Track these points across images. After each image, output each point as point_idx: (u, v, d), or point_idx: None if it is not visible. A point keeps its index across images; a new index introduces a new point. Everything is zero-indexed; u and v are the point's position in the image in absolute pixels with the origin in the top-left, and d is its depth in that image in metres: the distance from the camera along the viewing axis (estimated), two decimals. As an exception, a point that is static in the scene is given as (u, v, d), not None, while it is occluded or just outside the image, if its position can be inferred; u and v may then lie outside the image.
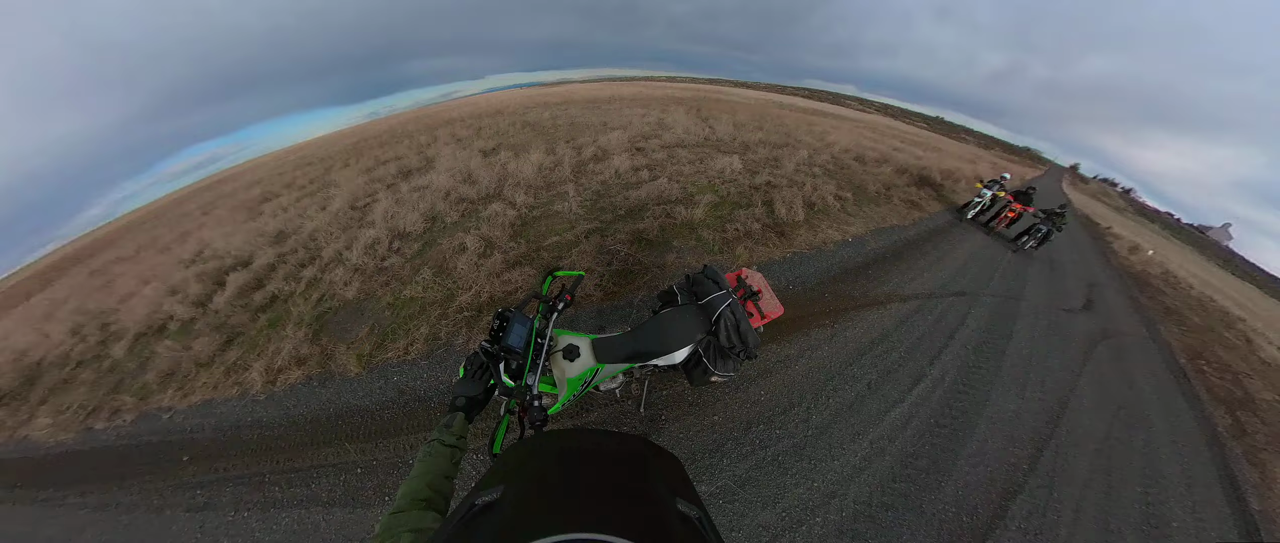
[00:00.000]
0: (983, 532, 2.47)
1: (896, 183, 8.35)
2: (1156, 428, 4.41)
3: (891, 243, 5.47)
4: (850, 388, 2.93)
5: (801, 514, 2.20)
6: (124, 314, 4.95)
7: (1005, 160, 28.65)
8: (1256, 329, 13.15)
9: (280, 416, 3.06)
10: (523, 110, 13.05)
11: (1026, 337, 4.65)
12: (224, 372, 3.54)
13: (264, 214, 7.17)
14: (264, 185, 9.99)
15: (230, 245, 5.93)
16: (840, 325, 3.47)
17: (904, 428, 2.82)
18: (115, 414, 3.56)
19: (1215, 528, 3.58)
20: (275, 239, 5.73)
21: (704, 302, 1.73)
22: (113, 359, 4.29)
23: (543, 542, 0.35)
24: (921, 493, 2.50)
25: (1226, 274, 32.34)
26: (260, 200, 8.45)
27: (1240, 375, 7.56)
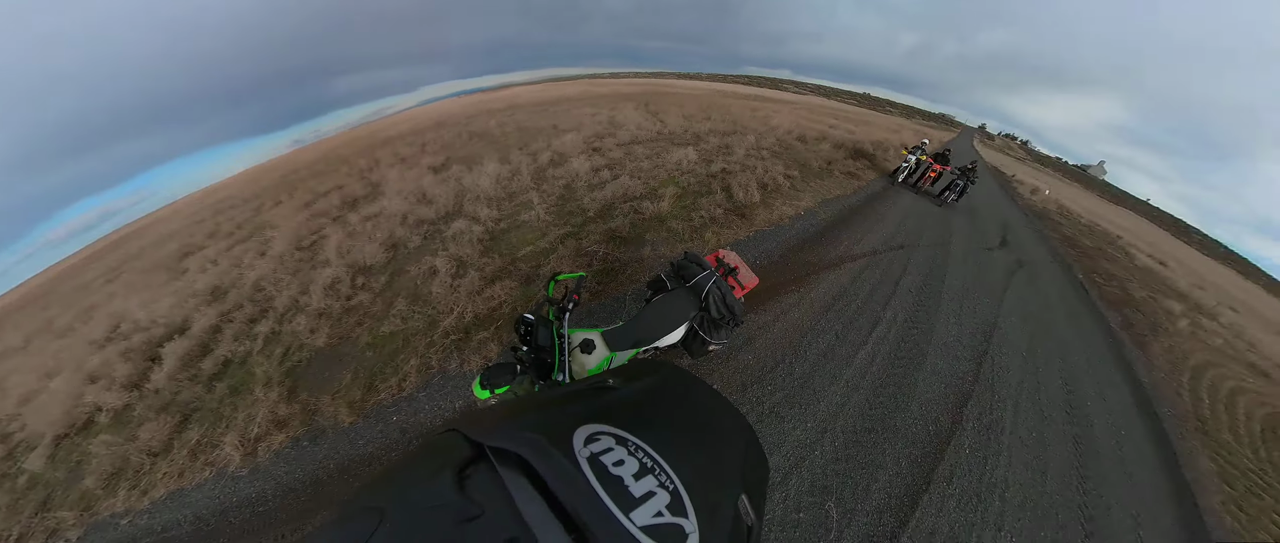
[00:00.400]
0: (947, 435, 2.93)
1: (836, 157, 9.23)
2: (1066, 331, 5.32)
3: (838, 211, 6.11)
4: (822, 340, 3.33)
5: (803, 452, 2.51)
6: (32, 418, 4.23)
7: (925, 127, 32.17)
8: (1131, 243, 15.93)
9: (272, 486, 2.80)
10: (467, 120, 12.79)
11: (958, 275, 5.42)
12: (188, 455, 3.17)
13: (189, 271, 6.49)
14: (181, 238, 8.97)
15: (155, 313, 5.32)
16: (805, 289, 3.89)
17: (871, 365, 3.26)
18: (53, 536, 3.02)
19: (1117, 401, 4.41)
20: (212, 297, 5.24)
21: (691, 283, 1.99)
22: (30, 473, 3.62)
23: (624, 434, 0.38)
24: (894, 414, 2.92)
25: (1105, 202, 38.59)
26: (180, 256, 7.62)
27: (1123, 281, 9.19)
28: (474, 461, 0.35)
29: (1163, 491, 3.43)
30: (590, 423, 0.39)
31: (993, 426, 3.18)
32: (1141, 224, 33.77)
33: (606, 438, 0.38)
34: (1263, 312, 17.72)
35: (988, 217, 9.89)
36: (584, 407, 0.42)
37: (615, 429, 0.39)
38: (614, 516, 0.31)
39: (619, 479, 0.34)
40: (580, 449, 0.36)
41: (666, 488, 0.35)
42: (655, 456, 0.38)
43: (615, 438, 0.38)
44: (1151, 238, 25.38)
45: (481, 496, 0.31)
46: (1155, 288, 10.04)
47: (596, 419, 0.40)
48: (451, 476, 0.33)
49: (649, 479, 0.35)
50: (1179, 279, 12.92)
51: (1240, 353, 8.08)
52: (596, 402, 0.45)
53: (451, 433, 0.39)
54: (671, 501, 0.35)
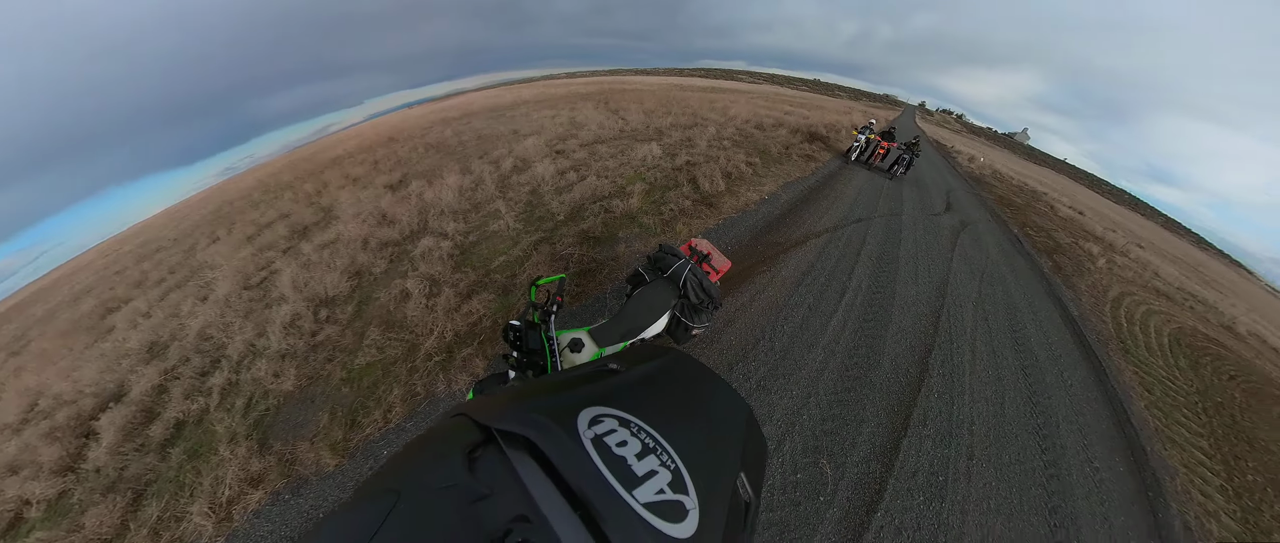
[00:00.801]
0: (917, 383, 3.23)
1: (793, 142, 9.74)
2: (1008, 280, 5.94)
3: (799, 193, 6.47)
4: (796, 313, 3.55)
5: (792, 418, 2.69)
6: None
7: (872, 108, 34.42)
8: (1055, 198, 17.85)
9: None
10: (421, 132, 12.29)
11: (911, 240, 5.91)
12: (148, 534, 2.85)
13: (116, 329, 5.84)
14: (100, 292, 8.01)
15: (81, 382, 4.73)
16: (776, 268, 4.12)
17: (843, 330, 3.52)
18: None
19: (1055, 332, 4.98)
20: (150, 355, 4.75)
21: (668, 273, 2.09)
22: None
23: (627, 416, 0.39)
24: (868, 372, 3.18)
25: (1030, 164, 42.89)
26: (102, 313, 6.82)
27: (1050, 231, 10.31)
28: (482, 444, 0.35)
29: (1099, 402, 3.94)
30: (594, 406, 0.40)
31: (955, 370, 3.52)
32: (1061, 180, 37.91)
33: (610, 420, 0.39)
34: (1161, 245, 20.51)
35: (933, 185, 10.80)
36: (588, 390, 0.44)
37: (618, 411, 0.40)
38: (618, 493, 0.32)
39: (622, 459, 0.35)
40: (584, 431, 0.36)
41: (668, 467, 0.36)
42: (657, 436, 0.39)
43: (618, 420, 0.39)
44: (1070, 192, 28.59)
45: (490, 476, 0.32)
46: (1077, 234, 11.36)
47: (600, 402, 0.41)
48: (461, 458, 0.33)
49: (651, 459, 0.36)
50: (1094, 225, 14.69)
51: (1148, 282, 9.34)
52: (600, 385, 0.46)
53: (459, 417, 0.40)
54: (673, 479, 0.36)
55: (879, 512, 2.29)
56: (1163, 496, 3.11)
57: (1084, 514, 2.67)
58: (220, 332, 4.56)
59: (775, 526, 2.17)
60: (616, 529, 0.30)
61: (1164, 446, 3.75)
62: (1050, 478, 2.86)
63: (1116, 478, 3.10)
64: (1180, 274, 13.18)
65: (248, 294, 5.08)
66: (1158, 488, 3.16)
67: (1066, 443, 3.25)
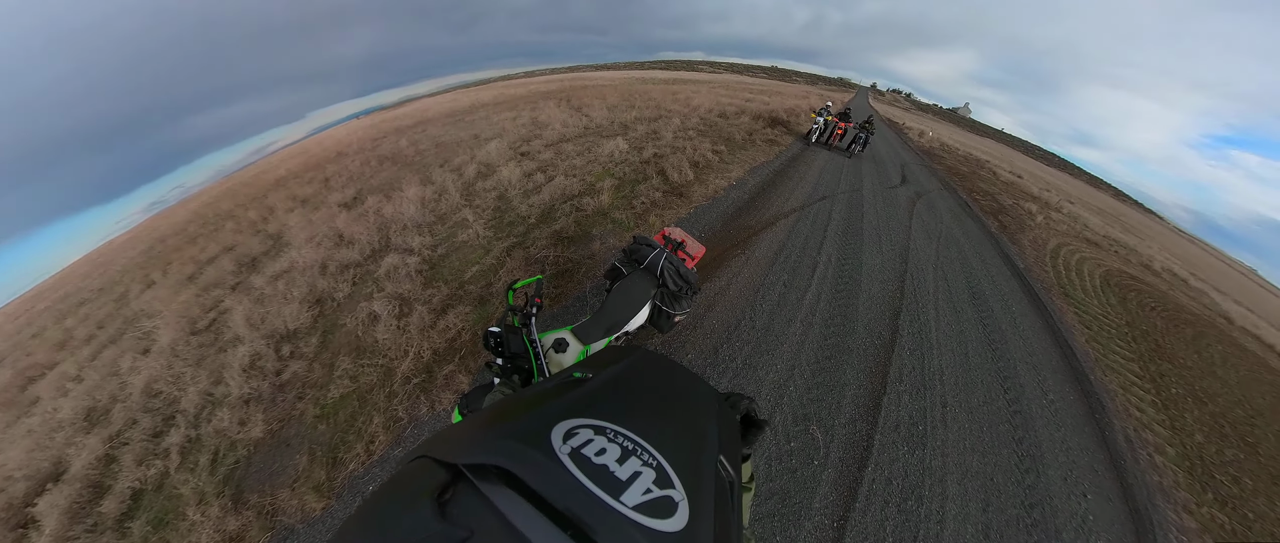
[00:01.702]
0: (890, 343, 3.45)
1: (756, 128, 10.06)
2: (961, 242, 6.42)
3: (765, 177, 6.71)
4: (773, 292, 3.70)
5: (779, 391, 2.81)
6: None
7: (828, 91, 35.93)
8: (996, 165, 19.39)
9: None
10: (373, 144, 11.66)
11: (873, 212, 6.28)
12: None
13: (41, 400, 5.22)
14: (13, 361, 7.10)
15: (6, 466, 4.21)
16: (750, 250, 4.27)
17: (818, 303, 3.70)
18: None
19: (1006, 285, 5.44)
20: (87, 423, 4.25)
21: (645, 263, 2.14)
22: None
23: (602, 423, 0.38)
24: (846, 339, 3.36)
25: (973, 136, 46.37)
26: (21, 385, 6.04)
27: (994, 194, 11.21)
28: (451, 483, 0.33)
29: (1048, 342, 4.36)
30: (566, 419, 0.39)
31: (922, 328, 3.79)
32: (1000, 149, 41.26)
33: (584, 430, 0.38)
34: (1088, 200, 22.75)
35: (889, 161, 11.48)
36: (556, 405, 0.42)
37: (591, 420, 0.40)
38: (606, 503, 0.31)
39: (604, 467, 0.34)
40: (560, 447, 0.35)
41: (650, 465, 0.36)
42: (634, 437, 0.39)
43: (593, 428, 0.39)
44: (1009, 158, 31.20)
45: (467, 517, 0.30)
46: (1017, 196, 12.42)
47: (571, 414, 0.40)
48: (430, 504, 0.30)
49: (633, 461, 0.36)
50: (1032, 187, 16.12)
51: (1079, 233, 10.39)
52: (568, 397, 0.45)
53: (421, 460, 0.37)
54: (657, 476, 0.36)
55: (870, 467, 2.44)
56: (1106, 414, 3.49)
57: (1045, 441, 2.97)
58: (170, 385, 4.19)
59: (776, 495, 2.27)
60: (612, 539, 0.30)
61: (1104, 372, 4.21)
62: (1014, 413, 3.15)
63: (1068, 405, 3.45)
64: (1104, 224, 14.74)
65: (196, 339, 4.68)
66: (1102, 409, 3.55)
67: (1024, 382, 3.59)
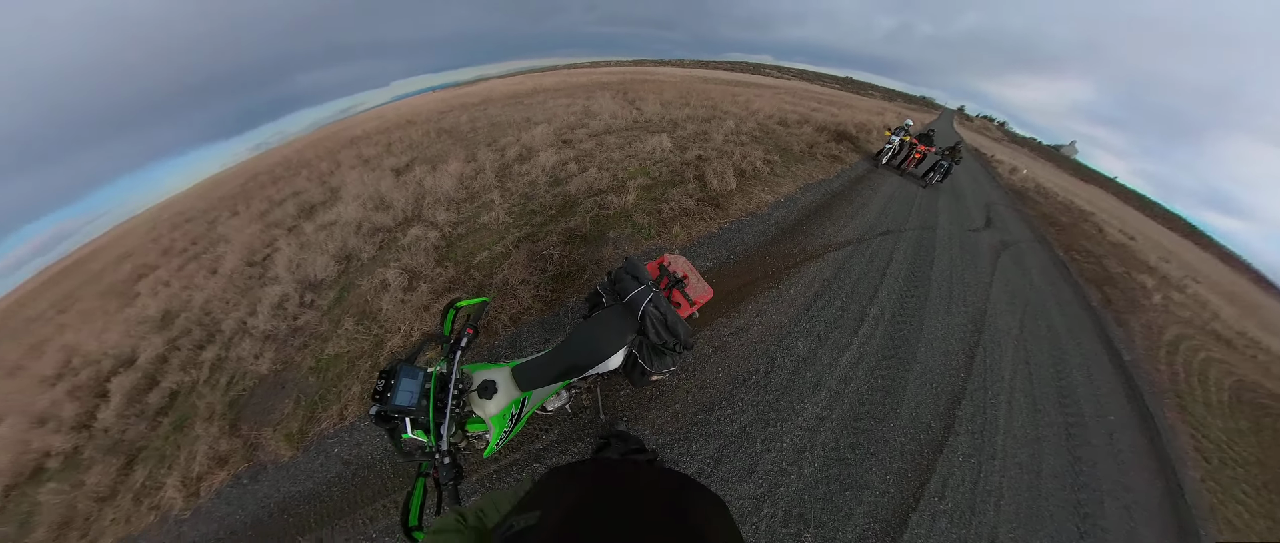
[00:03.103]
0: (939, 443, 2.63)
1: (818, 141, 8.80)
2: (1053, 314, 5.07)
3: (820, 196, 5.72)
4: (802, 343, 2.98)
5: (777, 476, 2.18)
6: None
7: (907, 109, 31.82)
8: (1104, 219, 15.97)
9: (215, 530, 2.55)
10: (437, 116, 11.96)
11: (946, 260, 5.12)
12: (133, 499, 2.83)
13: (141, 295, 5.91)
14: (136, 258, 8.26)
15: (104, 345, 4.81)
16: (784, 284, 3.53)
17: (856, 369, 2.93)
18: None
19: (1104, 380, 4.19)
20: (161, 323, 4.74)
21: (627, 299, 1.57)
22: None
23: None
24: (881, 425, 2.60)
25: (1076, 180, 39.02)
26: (133, 278, 6.98)
27: (1100, 257, 9.05)
28: None
29: (1150, 471, 3.23)
30: None
31: (987, 426, 2.90)
32: (1109, 200, 34.25)
33: None
34: (1219, 281, 18.15)
35: (971, 197, 9.64)
36: None
37: None
38: None
39: None
40: None
41: None
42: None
43: None
44: (1119, 213, 25.72)
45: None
46: (1128, 263, 9.96)
47: None
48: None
49: None
50: (1148, 253, 12.98)
51: (1206, 323, 8.06)
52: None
53: None
54: None
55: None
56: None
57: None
58: (220, 306, 4.49)
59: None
60: None
61: (1219, 528, 3.04)
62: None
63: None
64: (1240, 315, 11.51)
65: (249, 271, 4.96)
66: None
67: (1111, 524, 2.62)
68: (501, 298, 3.11)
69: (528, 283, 3.18)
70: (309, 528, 2.40)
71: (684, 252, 3.69)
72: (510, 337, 2.85)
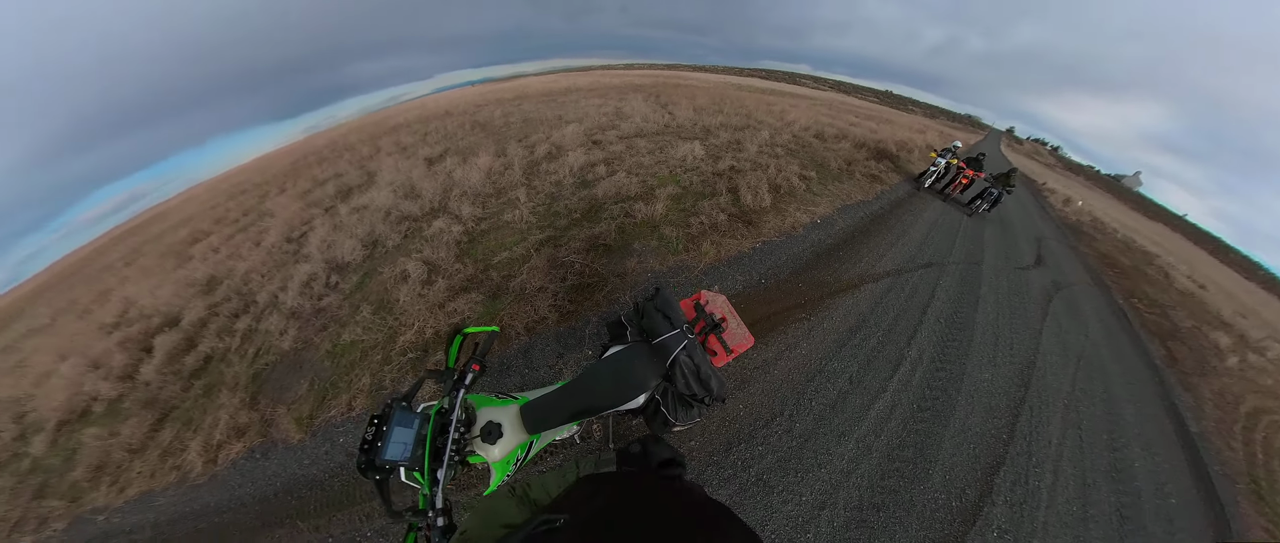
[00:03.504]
0: (972, 513, 2.36)
1: (857, 158, 8.29)
2: (1110, 370, 4.56)
3: (858, 219, 5.35)
4: (832, 386, 2.74)
5: (792, 533, 2.00)
6: (42, 400, 4.16)
7: (951, 129, 29.86)
8: (1170, 263, 14.43)
9: (225, 498, 2.68)
10: (473, 109, 12.12)
11: (992, 301, 4.68)
12: (159, 456, 3.01)
13: (193, 259, 6.25)
14: (194, 223, 8.78)
15: (157, 301, 5.13)
16: (817, 317, 3.28)
17: (888, 419, 2.67)
18: (43, 524, 2.99)
19: (1166, 456, 3.72)
20: (206, 288, 4.99)
21: (657, 342, 1.40)
22: (33, 458, 3.60)
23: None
24: (911, 486, 2.36)
25: (1140, 216, 35.57)
26: (189, 242, 7.40)
27: (1166, 307, 8.15)
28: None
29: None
30: None
31: (1028, 499, 2.59)
32: (1178, 241, 31.03)
33: None
34: (1307, 341, 16.01)
35: (1021, 230, 8.88)
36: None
37: None
38: None
39: None
40: None
41: None
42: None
43: None
44: (1189, 257, 23.24)
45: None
46: (1199, 317, 8.93)
47: None
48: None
49: None
50: (1222, 305, 11.62)
51: (1293, 394, 7.10)
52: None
53: None
54: None
55: None
56: None
57: None
58: (258, 278, 4.65)
59: None
60: None
61: None
62: None
63: None
64: (1331, 385, 10.14)
65: (286, 247, 5.13)
66: None
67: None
68: (517, 304, 3.02)
69: (546, 291, 3.07)
70: (309, 515, 2.41)
71: (713, 272, 3.49)
72: (522, 347, 2.76)
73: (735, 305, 1.81)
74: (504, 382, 2.61)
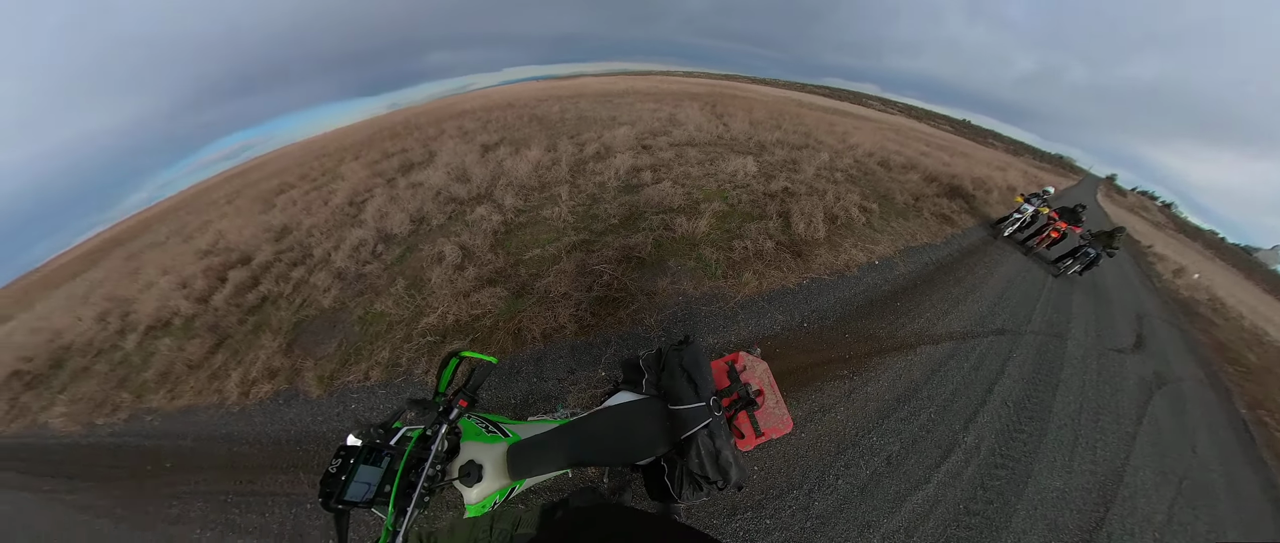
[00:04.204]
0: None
1: (926, 192, 7.38)
2: (1223, 508, 3.66)
3: (923, 265, 4.71)
4: (865, 464, 2.36)
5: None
6: (142, 305, 4.95)
7: (1037, 168, 26.08)
8: (1319, 368, 11.62)
9: (248, 431, 2.95)
10: (534, 103, 12.38)
11: (1075, 387, 3.92)
12: (208, 377, 3.39)
13: (275, 207, 6.94)
14: (283, 176, 9.79)
15: (240, 239, 5.78)
16: (861, 377, 2.86)
17: (926, 518, 2.26)
18: (114, 411, 3.59)
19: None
20: (278, 235, 5.51)
21: (675, 409, 1.16)
22: (124, 352, 4.31)
23: None
24: (946, 610, 1.95)
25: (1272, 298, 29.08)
26: (276, 192, 8.24)
27: (1309, 430, 6.53)
28: None
29: None
30: None
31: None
32: (1323, 334, 25.00)
33: None
34: None
35: (1118, 301, 7.50)
36: None
37: None
38: None
39: None
40: None
41: None
42: None
43: None
44: (1336, 357, 18.68)
45: None
46: (1350, 443, 7.08)
47: None
48: None
49: None
50: (1382, 431, 9.18)
51: None
52: None
53: None
54: None
55: None
56: None
57: None
58: (319, 235, 5.02)
59: None
60: None
61: None
62: None
63: None
64: None
65: (348, 210, 5.49)
66: None
67: None
68: (539, 308, 2.91)
69: (570, 298, 2.93)
70: (311, 468, 2.49)
71: (751, 306, 3.14)
72: (535, 354, 2.64)
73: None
74: (510, 389, 2.51)
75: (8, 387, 4.36)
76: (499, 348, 2.71)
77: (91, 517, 2.70)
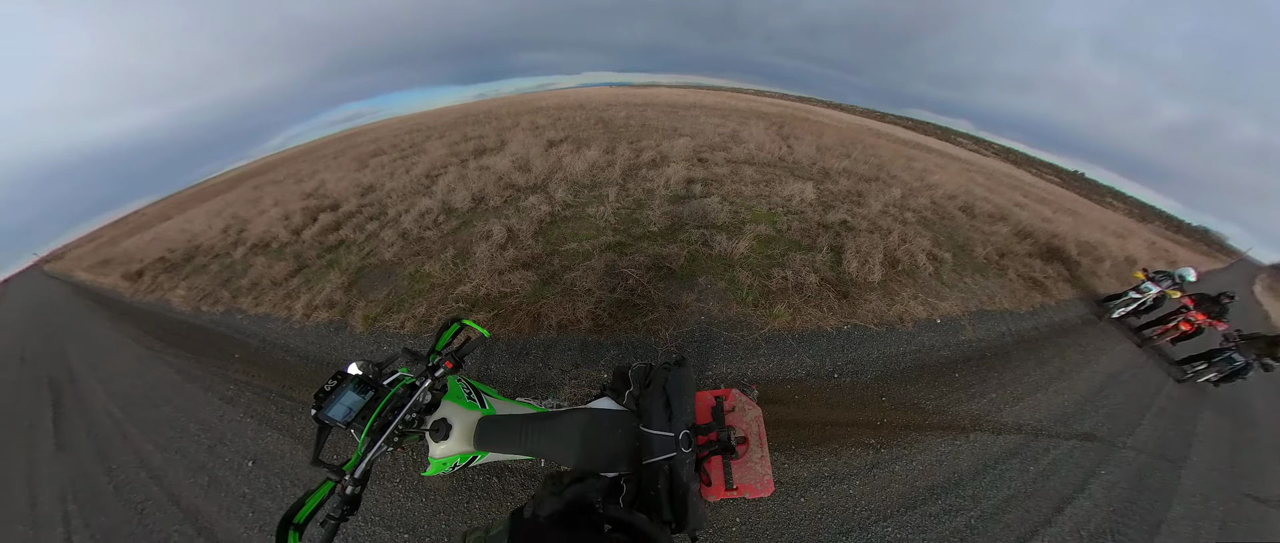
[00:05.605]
0: None
1: (1014, 250, 6.20)
2: None
3: (997, 335, 3.95)
4: (880, 556, 1.97)
5: None
6: (253, 226, 5.98)
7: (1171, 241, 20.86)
8: None
9: (301, 346, 3.39)
10: (603, 107, 12.72)
11: (1185, 535, 2.98)
12: (284, 296, 3.92)
13: (368, 168, 7.96)
14: (380, 144, 11.25)
15: (336, 188, 6.73)
16: (891, 451, 2.42)
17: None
18: (215, 303, 4.33)
19: None
20: (364, 191, 6.30)
21: (645, 431, 1.04)
22: (232, 260, 5.21)
23: None
24: None
25: None
26: (372, 156, 9.48)
27: None
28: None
29: None
30: None
31: None
32: None
33: None
34: None
35: (1269, 430, 5.69)
36: None
37: None
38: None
39: None
40: None
41: None
42: None
43: None
44: None
45: None
46: None
47: None
48: None
49: None
50: None
51: None
52: None
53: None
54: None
55: None
56: None
57: None
58: (396, 198, 5.67)
59: None
60: None
61: None
62: None
63: None
64: None
65: (423, 181, 6.13)
66: None
67: None
68: (561, 298, 2.91)
69: (592, 295, 2.87)
70: None
71: (778, 342, 2.79)
72: (547, 341, 2.62)
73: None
74: (515, 368, 2.53)
75: (154, 267, 5.59)
76: (516, 328, 2.73)
77: (183, 381, 3.33)
